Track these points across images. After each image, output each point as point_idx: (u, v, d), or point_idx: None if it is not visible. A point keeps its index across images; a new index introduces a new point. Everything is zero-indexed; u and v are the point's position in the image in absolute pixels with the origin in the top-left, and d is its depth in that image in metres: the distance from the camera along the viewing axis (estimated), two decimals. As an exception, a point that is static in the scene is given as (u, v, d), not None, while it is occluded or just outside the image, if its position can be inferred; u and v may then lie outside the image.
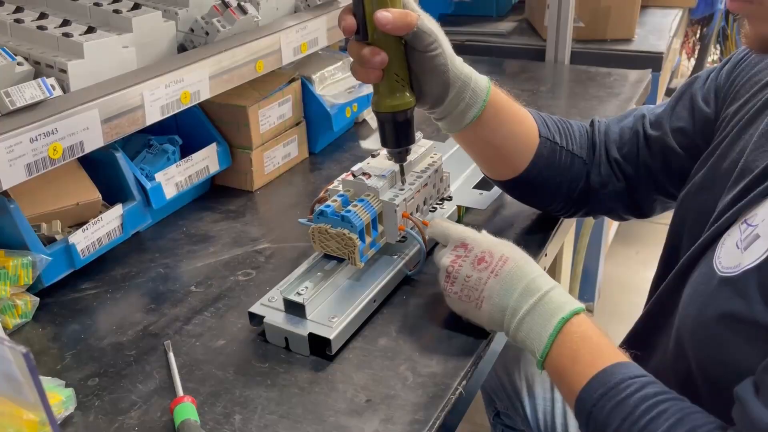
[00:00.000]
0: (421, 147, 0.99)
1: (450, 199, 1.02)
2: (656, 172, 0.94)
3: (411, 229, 0.90)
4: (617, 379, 0.66)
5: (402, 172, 0.90)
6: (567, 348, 0.70)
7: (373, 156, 0.97)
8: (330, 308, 0.83)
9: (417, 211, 0.93)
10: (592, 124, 1.00)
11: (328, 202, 0.87)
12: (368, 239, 0.87)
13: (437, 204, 1.00)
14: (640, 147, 0.95)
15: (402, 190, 0.91)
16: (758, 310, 0.62)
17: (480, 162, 0.98)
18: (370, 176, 0.91)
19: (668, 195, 0.95)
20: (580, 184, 0.97)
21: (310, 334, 0.79)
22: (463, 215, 1.05)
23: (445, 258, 0.81)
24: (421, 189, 0.93)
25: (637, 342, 0.86)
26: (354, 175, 0.91)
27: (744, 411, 0.59)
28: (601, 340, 0.71)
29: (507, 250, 0.78)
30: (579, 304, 0.73)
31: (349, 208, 0.86)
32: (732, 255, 0.67)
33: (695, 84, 0.92)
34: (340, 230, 0.84)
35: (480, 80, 0.88)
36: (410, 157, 0.95)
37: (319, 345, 0.80)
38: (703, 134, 0.88)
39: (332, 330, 0.79)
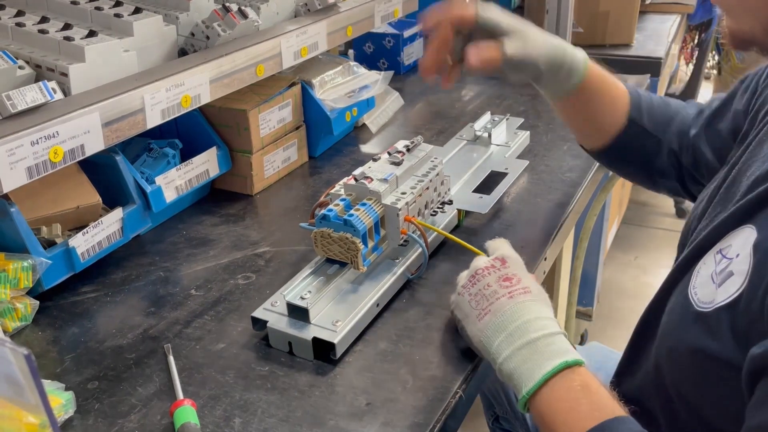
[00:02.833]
0: (421, 151, 0.99)
1: (450, 203, 1.02)
2: (691, 169, 0.97)
3: (413, 232, 0.91)
4: None
5: None
6: (564, 393, 0.67)
7: (375, 160, 0.97)
8: (333, 312, 0.83)
9: (419, 215, 0.93)
10: (700, 113, 1.00)
11: (331, 206, 0.87)
12: (370, 243, 0.87)
13: (438, 208, 1.00)
14: (684, 145, 0.98)
15: (404, 194, 0.91)
16: (729, 350, 0.61)
17: (572, 128, 1.05)
18: (372, 180, 0.91)
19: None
20: (665, 168, 1.00)
21: (315, 339, 0.79)
22: (463, 219, 1.05)
23: (481, 261, 0.79)
24: (422, 192, 0.93)
25: (632, 355, 0.85)
26: (356, 179, 0.91)
27: None
28: (601, 391, 0.67)
29: (534, 287, 0.75)
30: (582, 358, 0.69)
31: (352, 212, 0.86)
32: (707, 288, 0.66)
33: (742, 85, 0.92)
34: (342, 234, 0.84)
35: (576, 58, 0.91)
36: (411, 162, 0.96)
37: (322, 349, 0.80)
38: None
39: (336, 334, 0.79)
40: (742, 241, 0.65)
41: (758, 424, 0.55)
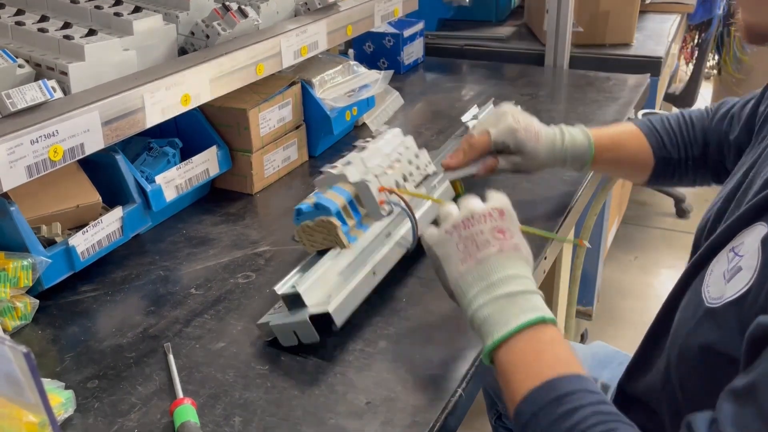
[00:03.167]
0: (391, 136, 1.01)
1: (435, 174, 1.02)
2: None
3: (392, 201, 0.91)
4: (571, 389, 0.62)
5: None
6: (534, 344, 0.67)
7: (342, 156, 0.98)
8: (329, 291, 0.82)
9: (397, 187, 0.94)
10: (716, 112, 1.05)
11: (303, 202, 0.88)
12: (351, 222, 0.87)
13: (424, 181, 1.00)
14: (724, 150, 1.03)
15: (371, 169, 0.92)
16: (736, 346, 0.61)
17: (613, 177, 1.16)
18: (336, 166, 0.92)
19: None
20: (707, 173, 1.08)
21: (311, 316, 0.78)
22: (463, 192, 1.05)
23: (480, 206, 0.75)
24: (393, 164, 0.94)
25: (644, 354, 0.85)
26: (321, 173, 0.93)
27: None
28: (568, 349, 0.67)
29: (525, 247, 0.75)
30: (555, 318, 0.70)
31: (321, 195, 0.87)
32: (718, 285, 0.67)
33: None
34: (318, 219, 0.85)
35: (578, 145, 1.04)
36: (377, 144, 0.99)
37: (326, 325, 0.79)
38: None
39: (331, 304, 0.78)
40: (753, 238, 0.65)
41: (752, 381, 0.54)
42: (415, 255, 0.94)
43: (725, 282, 0.65)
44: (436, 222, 0.78)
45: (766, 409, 0.52)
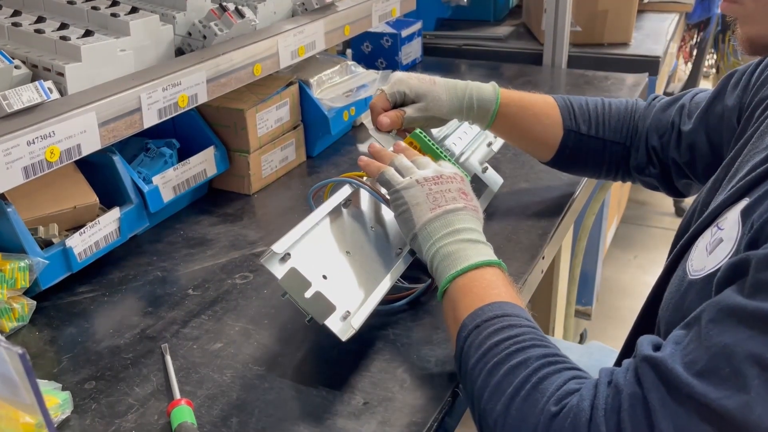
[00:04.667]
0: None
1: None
2: (683, 166, 0.99)
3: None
4: (514, 312, 0.69)
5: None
6: (490, 277, 0.74)
7: None
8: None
9: None
10: (649, 104, 1.05)
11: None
12: None
13: None
14: (672, 140, 1.00)
15: None
16: None
17: (517, 147, 1.15)
18: None
19: (700, 181, 0.99)
20: (621, 164, 1.05)
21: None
22: None
23: (448, 168, 0.85)
24: None
25: (630, 349, 0.85)
26: None
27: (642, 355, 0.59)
28: (518, 293, 0.74)
29: (480, 210, 0.84)
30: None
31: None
32: (701, 258, 0.68)
33: (730, 81, 0.94)
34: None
35: (483, 96, 1.02)
36: None
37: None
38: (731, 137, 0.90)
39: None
40: (734, 211, 0.66)
41: (702, 308, 0.57)
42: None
43: (707, 254, 0.66)
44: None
45: (704, 333, 0.55)
